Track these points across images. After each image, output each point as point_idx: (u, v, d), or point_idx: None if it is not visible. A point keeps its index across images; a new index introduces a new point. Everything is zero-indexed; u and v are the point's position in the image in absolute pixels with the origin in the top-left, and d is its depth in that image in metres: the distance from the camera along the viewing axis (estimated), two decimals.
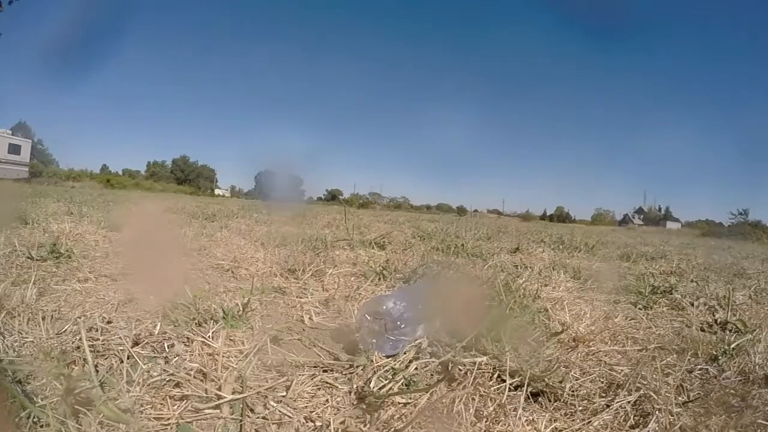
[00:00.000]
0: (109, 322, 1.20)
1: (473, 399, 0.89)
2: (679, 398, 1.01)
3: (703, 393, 1.07)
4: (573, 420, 0.93)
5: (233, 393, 0.88)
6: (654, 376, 1.12)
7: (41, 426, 0.72)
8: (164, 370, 0.94)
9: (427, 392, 0.93)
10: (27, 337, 1.08)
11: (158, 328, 1.15)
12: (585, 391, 1.04)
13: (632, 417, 0.93)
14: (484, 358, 1.14)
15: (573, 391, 1.03)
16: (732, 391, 1.08)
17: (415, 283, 2.02)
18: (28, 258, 1.94)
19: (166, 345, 1.07)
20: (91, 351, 0.85)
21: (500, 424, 0.86)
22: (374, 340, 1.21)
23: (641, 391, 1.01)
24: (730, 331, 1.67)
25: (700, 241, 13.14)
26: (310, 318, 1.42)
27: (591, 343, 1.38)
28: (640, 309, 2.04)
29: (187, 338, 1.11)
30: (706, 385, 1.12)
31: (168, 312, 1.23)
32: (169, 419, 0.81)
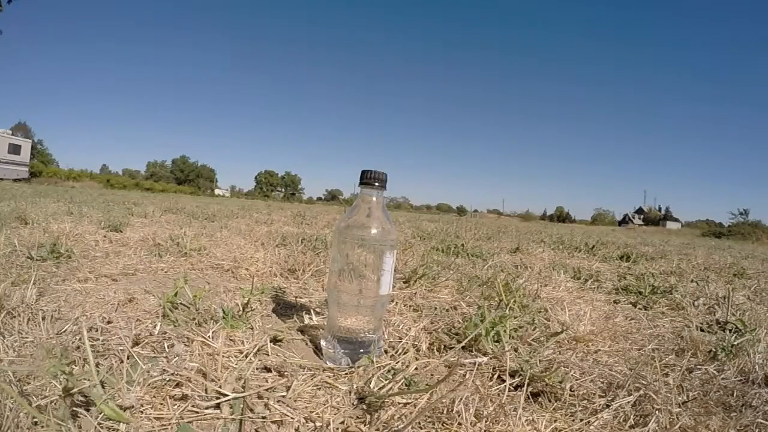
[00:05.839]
0: (109, 322, 1.20)
1: (473, 399, 0.89)
2: (679, 398, 1.01)
3: (703, 393, 1.07)
4: (573, 420, 0.93)
5: (233, 393, 0.88)
6: (654, 376, 1.12)
7: (41, 426, 0.72)
8: (164, 370, 0.94)
9: (427, 392, 0.93)
10: (27, 337, 1.08)
11: (158, 328, 1.15)
12: (585, 391, 1.04)
13: (632, 417, 0.93)
14: (485, 359, 1.15)
15: (573, 391, 1.03)
16: (732, 391, 1.08)
17: (414, 282, 2.02)
18: (28, 258, 1.94)
19: (166, 345, 1.07)
20: (91, 351, 0.85)
21: (500, 424, 0.86)
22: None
23: (641, 391, 1.01)
24: (730, 331, 1.67)
25: (700, 241, 13.14)
26: (310, 318, 1.41)
27: (591, 343, 1.39)
28: (640, 309, 2.04)
29: (187, 338, 1.11)
30: (706, 385, 1.12)
31: (168, 312, 1.23)
32: (169, 419, 0.81)
